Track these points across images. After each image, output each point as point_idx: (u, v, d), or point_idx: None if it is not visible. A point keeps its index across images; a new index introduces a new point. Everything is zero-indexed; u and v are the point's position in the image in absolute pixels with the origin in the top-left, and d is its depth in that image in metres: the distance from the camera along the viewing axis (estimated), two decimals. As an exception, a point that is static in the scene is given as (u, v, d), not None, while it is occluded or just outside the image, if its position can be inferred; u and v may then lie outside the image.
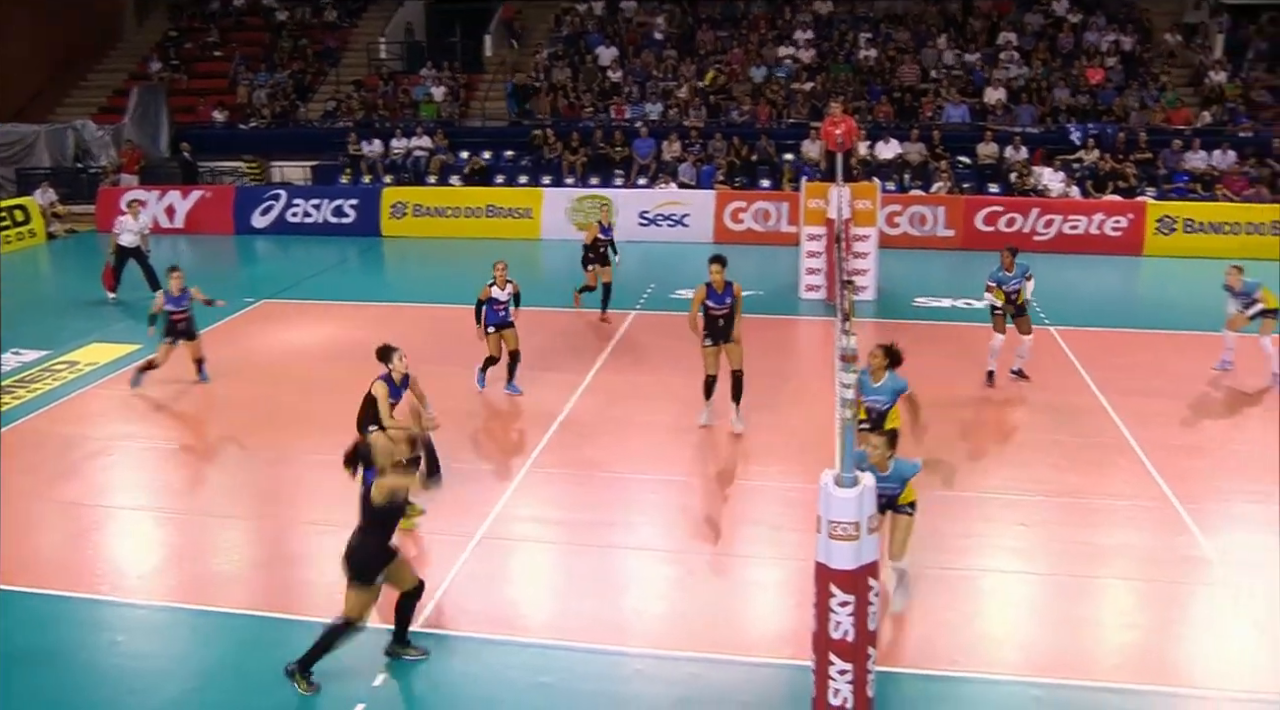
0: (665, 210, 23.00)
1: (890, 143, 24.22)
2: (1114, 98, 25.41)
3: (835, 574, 5.97)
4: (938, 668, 7.70)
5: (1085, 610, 8.62)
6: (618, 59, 28.04)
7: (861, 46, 27.57)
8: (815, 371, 13.96)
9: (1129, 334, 15.84)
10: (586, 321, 16.51)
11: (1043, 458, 11.30)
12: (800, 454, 11.15)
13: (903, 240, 21.71)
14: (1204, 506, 10.20)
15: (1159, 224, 21.79)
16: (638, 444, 11.78)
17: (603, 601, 8.65)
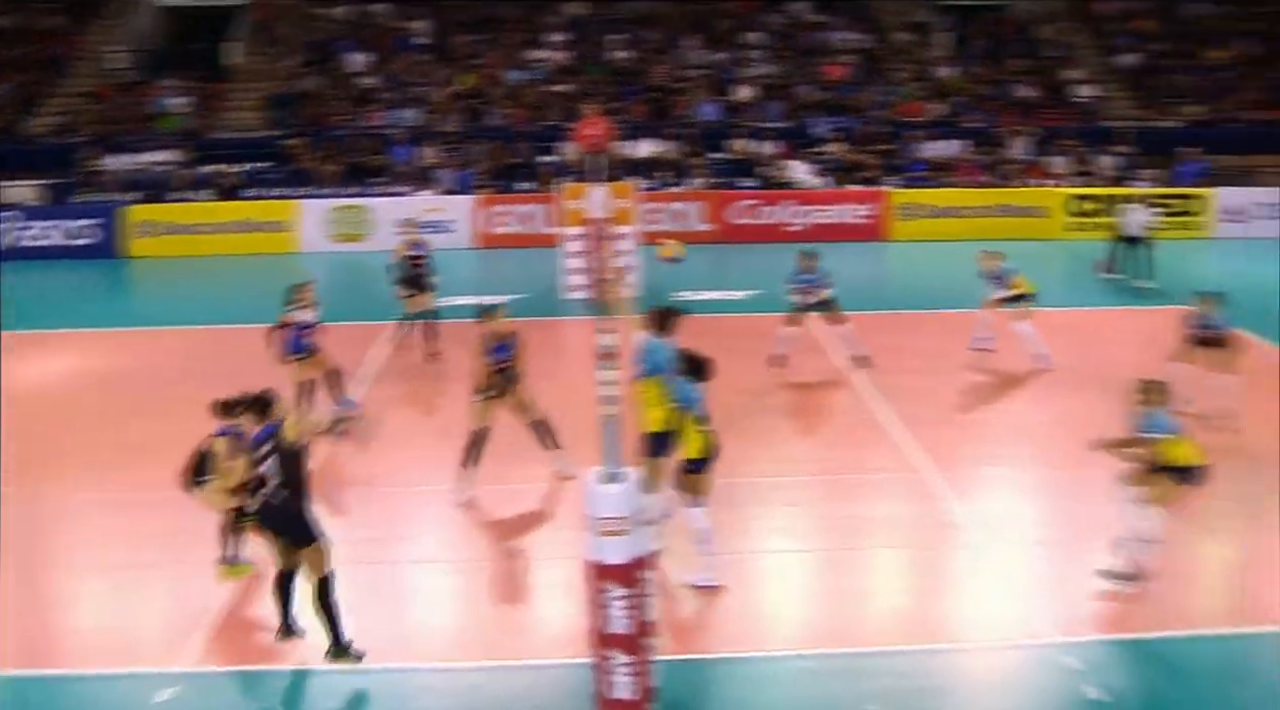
0: (426, 217, 22.57)
1: (646, 141, 24.67)
2: (853, 92, 26.75)
3: (608, 569, 6.02)
4: (718, 651, 7.90)
5: (853, 581, 9.05)
6: (370, 64, 27.40)
7: (614, 48, 27.96)
8: (584, 371, 13.98)
9: (880, 316, 16.66)
10: (349, 334, 16.00)
11: (807, 439, 11.78)
12: (574, 453, 11.16)
13: (662, 236, 22.09)
14: (955, 474, 10.88)
15: (901, 210, 23.14)
16: (415, 455, 11.54)
17: (386, 619, 8.42)
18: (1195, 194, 23.64)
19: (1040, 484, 10.88)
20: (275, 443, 7.43)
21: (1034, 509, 10.41)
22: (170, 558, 9.34)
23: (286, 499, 7.42)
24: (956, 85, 27.21)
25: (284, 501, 7.42)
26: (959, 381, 13.87)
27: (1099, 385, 13.16)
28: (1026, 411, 12.78)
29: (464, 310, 17.05)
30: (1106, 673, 7.59)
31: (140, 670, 7.65)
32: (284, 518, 7.46)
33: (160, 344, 15.88)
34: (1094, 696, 7.30)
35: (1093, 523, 9.81)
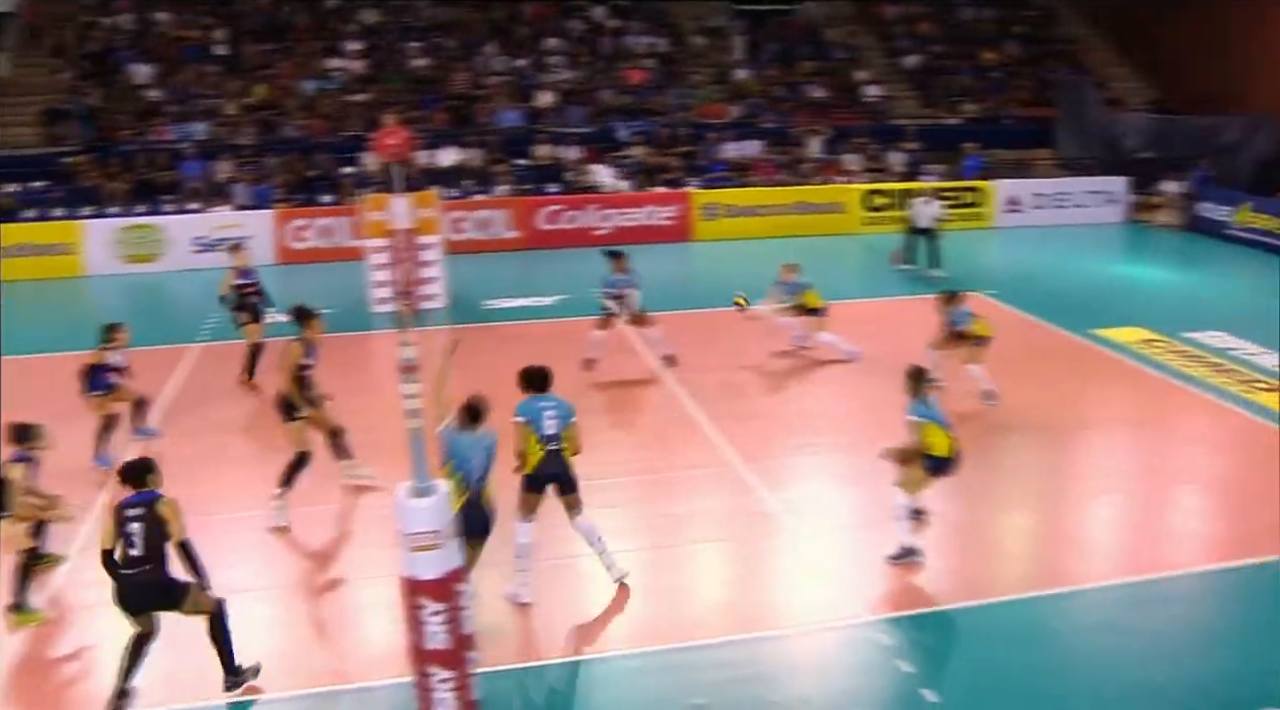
0: (223, 234, 21.75)
1: (449, 149, 24.42)
2: (654, 96, 27.16)
3: (422, 585, 5.91)
4: (543, 658, 7.88)
5: (676, 577, 9.18)
6: (154, 77, 26.14)
7: (412, 56, 27.55)
8: (394, 385, 13.72)
9: (686, 315, 16.97)
10: (141, 360, 15.22)
11: (623, 440, 11.88)
12: (388, 470, 10.94)
13: (469, 245, 22.00)
14: (764, 465, 11.17)
15: (704, 211, 23.64)
16: (217, 482, 11.08)
17: (196, 656, 8.03)
18: (977, 187, 25.02)
19: (844, 470, 11.29)
20: (148, 512, 7.21)
21: (840, 494, 10.80)
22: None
23: (151, 571, 7.24)
24: (752, 87, 28.00)
25: (151, 575, 7.24)
26: (765, 376, 14.26)
27: (896, 373, 13.76)
28: (829, 402, 13.24)
29: (270, 329, 16.55)
30: (917, 646, 7.96)
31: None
32: (157, 590, 7.30)
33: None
34: (907, 670, 7.62)
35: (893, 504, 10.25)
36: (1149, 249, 22.95)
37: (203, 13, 28.02)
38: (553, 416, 8.51)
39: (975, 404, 12.72)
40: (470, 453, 7.89)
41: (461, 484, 7.77)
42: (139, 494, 7.35)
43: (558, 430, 8.50)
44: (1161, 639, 8.09)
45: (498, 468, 8.15)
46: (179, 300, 19.92)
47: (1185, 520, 10.14)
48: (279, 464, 11.35)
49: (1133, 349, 14.99)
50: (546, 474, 8.58)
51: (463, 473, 7.85)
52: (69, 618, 8.68)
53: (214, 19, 27.86)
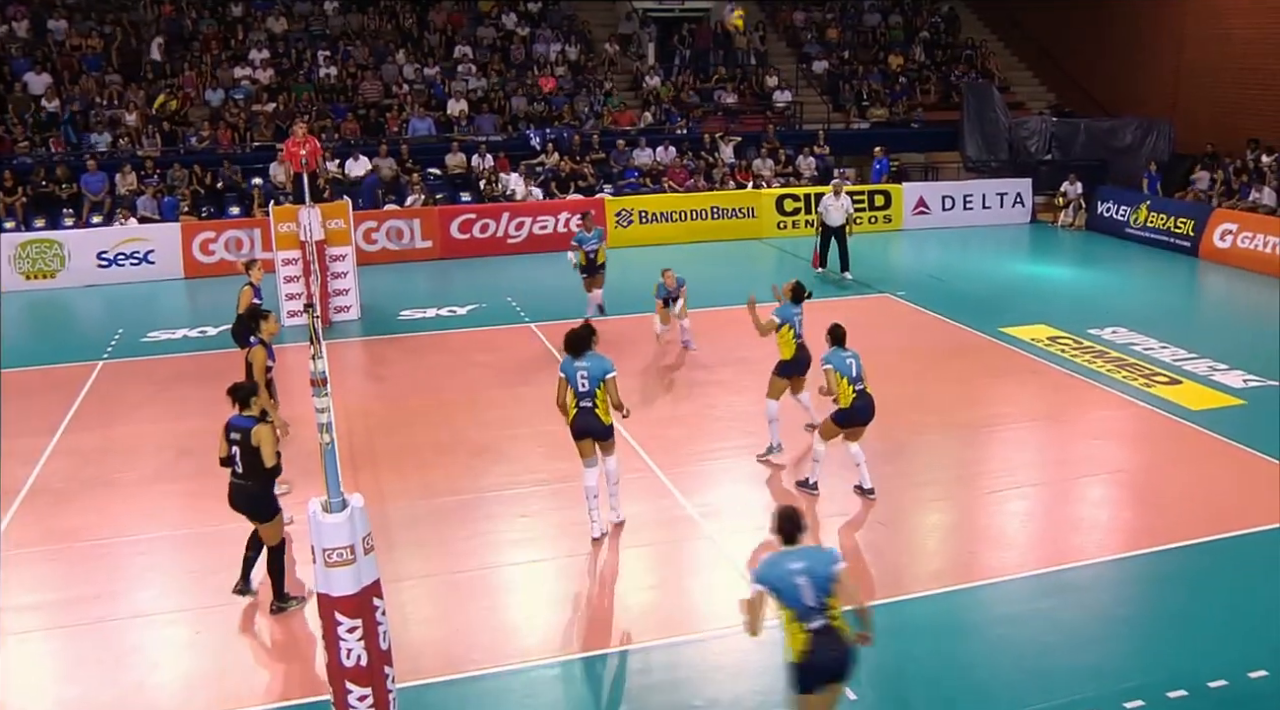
0: (126, 248, 21.19)
1: (360, 160, 24.11)
2: (566, 103, 27.15)
3: (338, 601, 5.82)
4: (461, 670, 7.80)
5: (595, 584, 9.15)
6: (52, 87, 25.38)
7: (321, 64, 27.16)
8: (301, 399, 13.51)
9: (600, 321, 16.92)
10: (42, 380, 14.80)
11: (534, 448, 11.81)
12: (299, 484, 10.78)
13: (382, 255, 21.76)
14: (682, 471, 11.21)
15: (618, 217, 23.67)
16: (122, 504, 10.77)
17: (102, 683, 7.82)
18: (886, 190, 25.44)
19: (757, 472, 11.36)
20: (244, 437, 8.52)
21: (755, 497, 10.85)
22: None
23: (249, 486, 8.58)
24: (664, 94, 28.14)
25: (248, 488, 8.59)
26: (671, 381, 14.30)
27: (810, 374, 13.95)
28: (738, 405, 13.27)
29: (178, 344, 16.20)
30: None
31: None
32: (249, 500, 8.65)
33: None
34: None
35: (807, 505, 10.37)
36: (1053, 249, 23.56)
37: (105, 21, 27.31)
38: (585, 375, 9.46)
39: (888, 402, 12.95)
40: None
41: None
42: (241, 418, 8.68)
43: (590, 388, 9.44)
44: (1067, 626, 8.30)
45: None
46: (82, 316, 19.36)
47: (1092, 511, 10.42)
48: (182, 486, 11.12)
49: (1039, 346, 15.37)
50: (579, 427, 9.59)
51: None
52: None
53: (115, 27, 27.18)
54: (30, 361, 15.52)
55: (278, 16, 28.37)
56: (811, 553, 6.22)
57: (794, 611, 6.03)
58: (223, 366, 15.02)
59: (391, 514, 10.25)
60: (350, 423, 12.66)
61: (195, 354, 15.73)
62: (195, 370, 14.99)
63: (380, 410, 13.29)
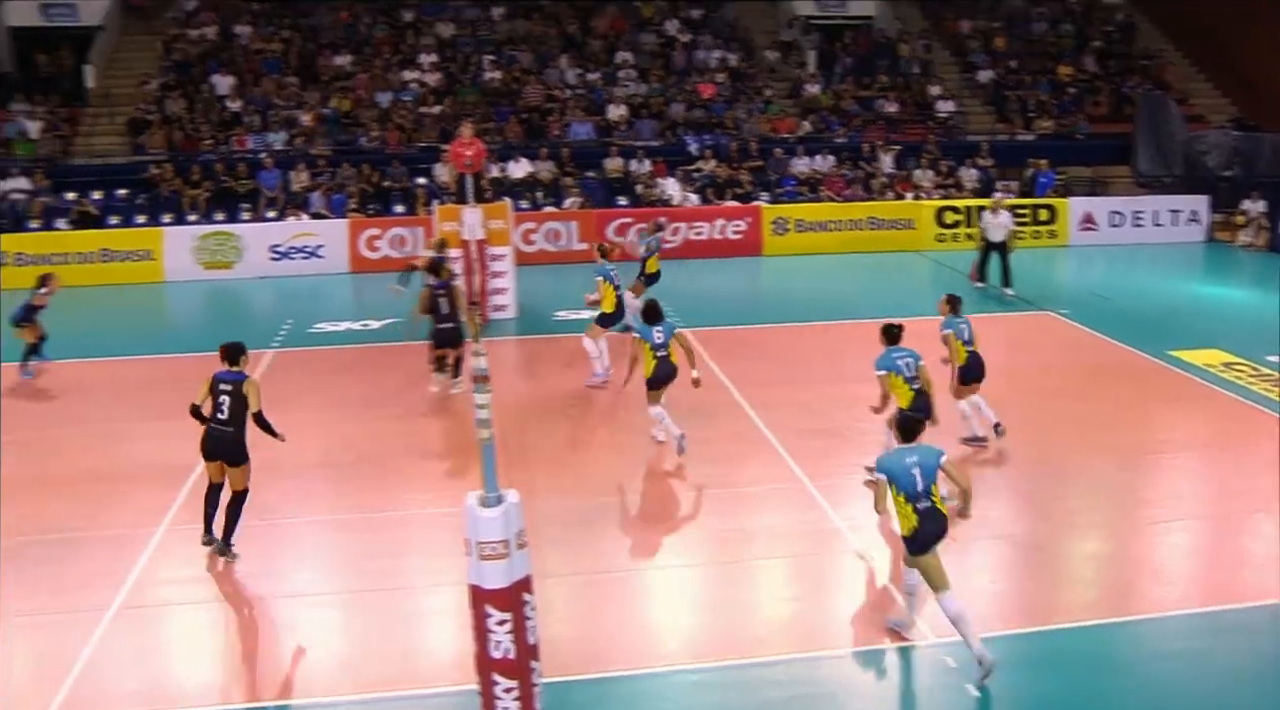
0: (298, 242, 22.22)
1: (520, 162, 24.67)
2: (725, 110, 27.18)
3: (489, 594, 5.97)
4: (603, 670, 7.89)
5: (738, 593, 9.14)
6: (235, 87, 26.76)
7: (486, 68, 27.89)
8: (458, 395, 13.92)
9: (755, 329, 16.95)
10: (216, 365, 15.54)
11: (689, 453, 11.84)
12: (449, 478, 11.10)
13: (540, 256, 22.18)
14: (830, 483, 11.08)
15: (774, 225, 23.57)
16: (285, 486, 11.25)
17: (264, 657, 8.22)
18: (1051, 204, 24.64)
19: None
20: (235, 388, 9.44)
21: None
22: (20, 607, 8.93)
23: (231, 433, 9.46)
24: (824, 102, 27.91)
25: (230, 435, 9.46)
26: (825, 391, 14.12)
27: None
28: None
29: (342, 336, 16.85)
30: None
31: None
32: (229, 447, 9.48)
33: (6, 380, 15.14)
34: (973, 694, 7.52)
35: (969, 522, 10.11)
36: (1231, 269, 22.42)
37: (283, 26, 28.64)
38: (660, 332, 11.68)
39: (1046, 423, 12.56)
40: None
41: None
42: (231, 372, 9.57)
43: (665, 340, 11.65)
44: (1234, 672, 7.88)
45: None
46: (254, 306, 20.36)
47: (1265, 548, 9.86)
48: (347, 470, 11.59)
49: (1212, 372, 14.64)
50: (660, 376, 11.61)
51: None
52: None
53: (293, 32, 28.46)
54: (208, 348, 16.24)
55: (446, 22, 29.25)
56: (923, 449, 7.80)
57: (906, 494, 7.58)
58: (383, 359, 15.67)
59: (541, 511, 10.42)
60: (504, 419, 12.94)
61: (358, 346, 16.35)
62: (357, 362, 15.61)
63: (533, 408, 13.54)
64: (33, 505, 10.58)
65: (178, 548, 9.92)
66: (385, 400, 13.98)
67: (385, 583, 9.31)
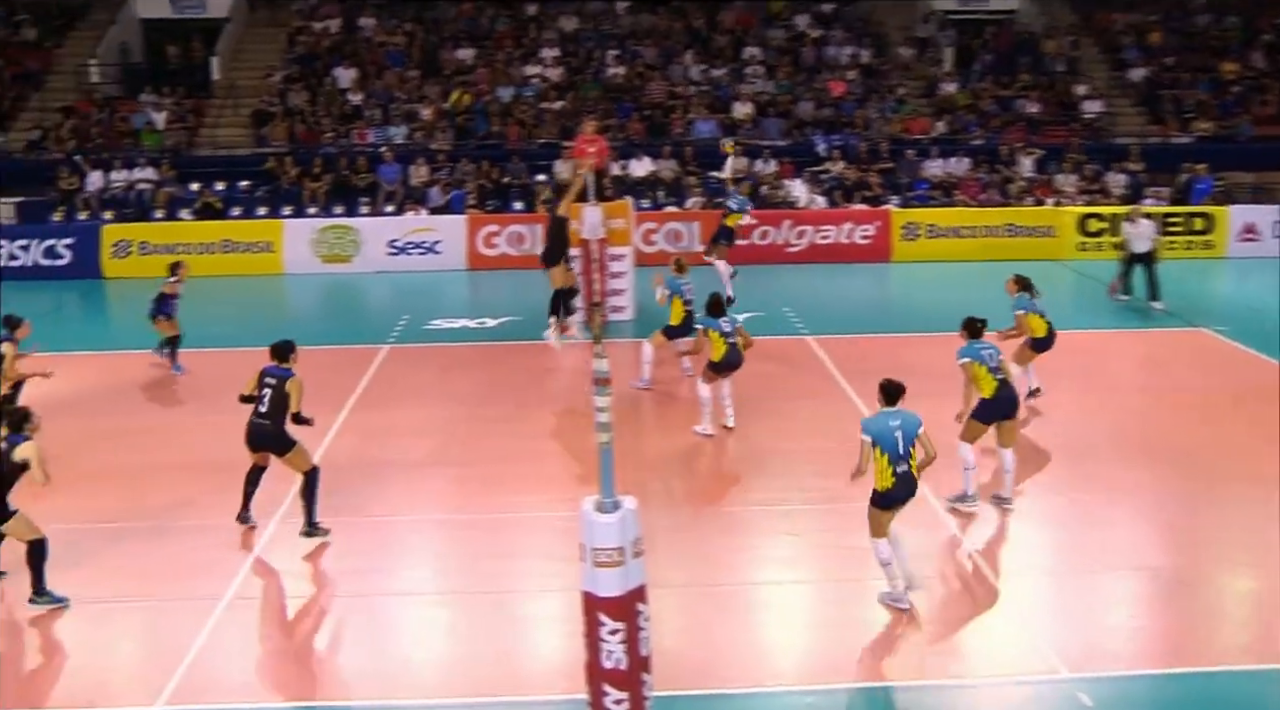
0: (415, 237, 22.72)
1: (643, 160, 24.82)
2: (855, 109, 26.92)
3: (602, 602, 6.02)
4: (714, 686, 7.88)
5: (858, 613, 9.01)
6: (357, 80, 27.53)
7: (609, 64, 28.13)
8: (573, 396, 14.08)
9: (882, 339, 16.71)
10: (334, 359, 16.05)
11: (807, 466, 11.76)
12: (568, 482, 11.22)
13: (660, 257, 22.15)
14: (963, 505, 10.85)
15: (904, 230, 23.25)
16: (399, 484, 11.54)
17: (370, 653, 8.43)
18: (1208, 212, 23.76)
19: (1047, 511, 10.88)
20: (279, 384, 9.92)
21: (1042, 537, 10.41)
22: (139, 592, 9.34)
23: (271, 425, 9.94)
24: (961, 101, 27.41)
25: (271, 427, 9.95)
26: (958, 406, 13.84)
27: (1100, 411, 13.26)
28: (1029, 436, 12.77)
29: (458, 333, 17.18)
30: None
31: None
32: (272, 438, 9.95)
33: (130, 368, 15.80)
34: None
35: (1106, 551, 9.85)
36: None
37: (406, 19, 29.35)
38: (727, 322, 12.43)
39: (1191, 447, 12.13)
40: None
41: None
42: (278, 368, 10.06)
43: (732, 328, 12.44)
44: None
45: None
46: (370, 301, 20.91)
47: None
48: (459, 469, 11.81)
49: (1386, 398, 13.92)
50: (730, 361, 12.34)
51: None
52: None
53: (416, 25, 29.14)
54: (323, 340, 16.84)
55: (570, 15, 29.60)
56: (905, 414, 8.68)
57: (890, 456, 8.49)
58: (499, 357, 15.93)
59: (655, 519, 10.46)
60: (620, 424, 13.03)
61: (473, 344, 16.66)
62: (473, 360, 15.92)
63: (650, 414, 13.62)
64: (149, 493, 11.01)
65: (289, 540, 10.23)
66: (500, 399, 14.22)
67: (494, 585, 9.47)
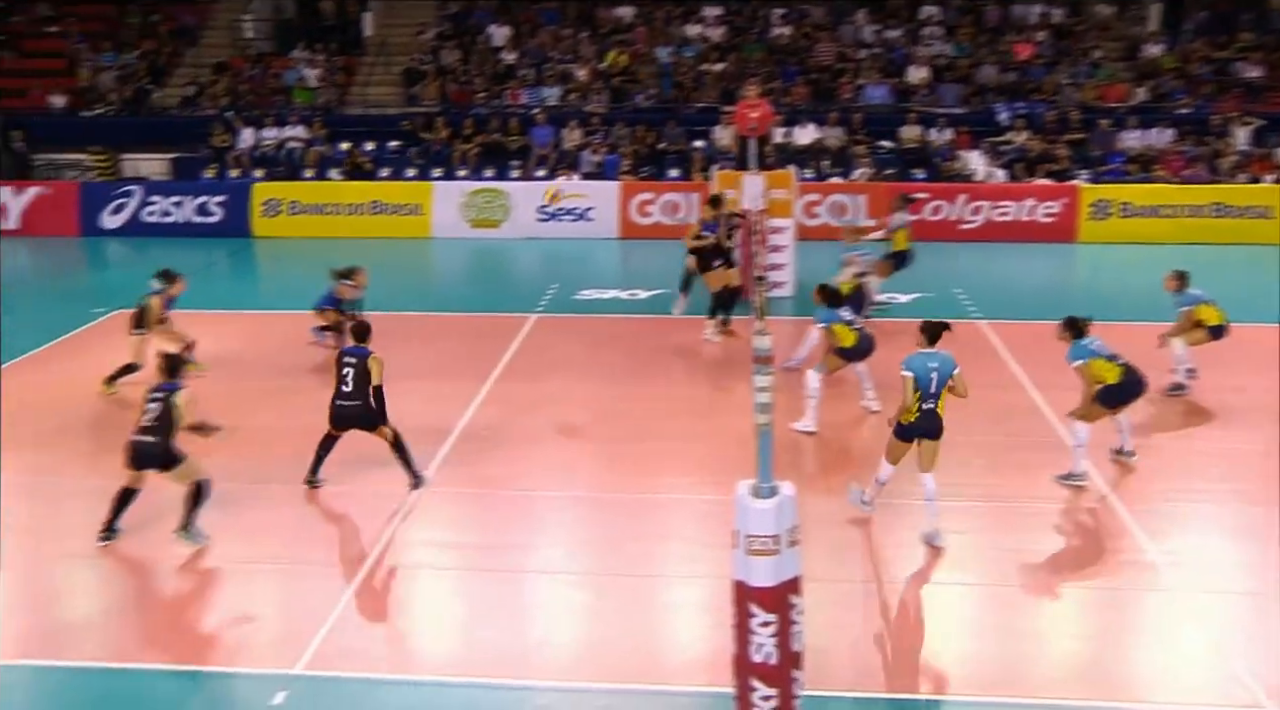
0: (567, 203, 23.01)
1: (807, 127, 24.57)
2: (1044, 75, 26.09)
3: (754, 592, 6.01)
4: (870, 689, 7.82)
5: (1024, 621, 8.84)
6: (511, 39, 27.95)
7: (775, 24, 27.90)
8: (729, 374, 14.08)
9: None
10: (480, 326, 16.43)
11: (974, 460, 11.51)
12: (718, 464, 11.21)
13: (822, 231, 21.97)
14: (1149, 508, 10.49)
15: (1093, 208, 22.46)
16: (542, 457, 11.76)
17: (506, 631, 8.62)
18: None
19: (1248, 525, 10.40)
20: (359, 362, 10.43)
21: (1241, 553, 9.96)
22: (282, 554, 9.77)
23: (358, 405, 10.54)
24: (1167, 65, 26.24)
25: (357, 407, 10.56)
26: (1148, 403, 13.35)
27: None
28: (1233, 442, 12.23)
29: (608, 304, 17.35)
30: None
31: (256, 670, 8.05)
32: (358, 417, 10.58)
33: (277, 328, 16.43)
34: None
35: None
36: None
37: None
38: (847, 311, 12.43)
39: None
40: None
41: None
42: (357, 348, 10.54)
43: (853, 315, 12.47)
44: None
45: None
46: (519, 268, 21.28)
47: None
48: (605, 445, 11.95)
49: None
50: (863, 348, 12.34)
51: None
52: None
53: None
54: (471, 307, 17.37)
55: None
56: (943, 356, 9.60)
57: (920, 394, 9.46)
58: (650, 331, 16.02)
59: (810, 507, 10.40)
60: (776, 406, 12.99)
61: (624, 316, 16.82)
62: (623, 333, 16.09)
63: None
64: (293, 454, 11.43)
65: (433, 510, 10.56)
66: (650, 375, 14.34)
67: (637, 568, 9.58)
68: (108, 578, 9.57)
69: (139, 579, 9.60)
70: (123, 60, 28.71)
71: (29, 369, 14.70)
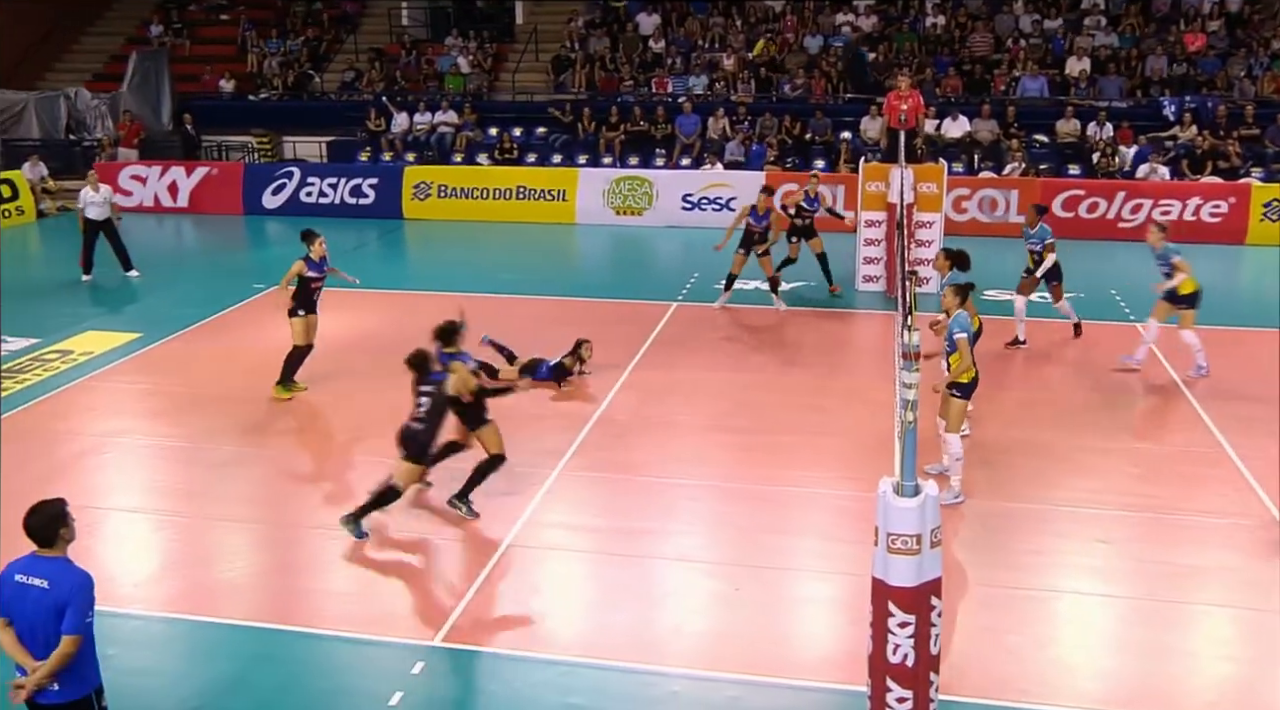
0: (711, 193, 22.98)
1: (959, 120, 24.08)
2: (1217, 67, 25.06)
3: (894, 591, 5.94)
4: (1005, 698, 7.64)
5: (1173, 638, 8.51)
6: (660, 27, 28.03)
7: (929, 13, 27.42)
8: (872, 370, 13.91)
9: (1229, 332, 15.51)
10: (622, 312, 16.54)
11: (1126, 467, 11.17)
12: (855, 459, 11.12)
13: (971, 227, 21.53)
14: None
15: (1266, 209, 21.45)
16: (678, 446, 11.79)
17: (638, 616, 8.68)
18: None
19: None
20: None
21: None
22: (427, 531, 10.02)
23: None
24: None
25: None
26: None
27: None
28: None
29: (748, 295, 17.31)
30: None
31: (399, 640, 8.29)
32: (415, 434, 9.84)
33: (426, 308, 16.74)
34: None
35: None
36: None
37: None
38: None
39: None
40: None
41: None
42: (446, 354, 10.19)
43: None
44: None
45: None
46: (661, 256, 21.36)
47: None
48: (742, 436, 11.94)
49: None
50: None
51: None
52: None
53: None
54: (614, 294, 17.51)
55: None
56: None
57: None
58: (791, 322, 15.97)
59: (949, 509, 10.24)
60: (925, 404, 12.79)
61: (765, 307, 16.72)
62: (764, 323, 16.06)
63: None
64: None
65: (570, 493, 10.70)
66: (791, 367, 14.31)
67: (771, 560, 9.52)
68: (262, 543, 9.96)
69: (292, 547, 9.94)
70: (286, 47, 29.75)
71: (197, 338, 15.55)
